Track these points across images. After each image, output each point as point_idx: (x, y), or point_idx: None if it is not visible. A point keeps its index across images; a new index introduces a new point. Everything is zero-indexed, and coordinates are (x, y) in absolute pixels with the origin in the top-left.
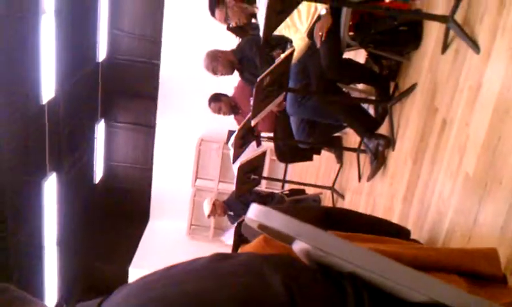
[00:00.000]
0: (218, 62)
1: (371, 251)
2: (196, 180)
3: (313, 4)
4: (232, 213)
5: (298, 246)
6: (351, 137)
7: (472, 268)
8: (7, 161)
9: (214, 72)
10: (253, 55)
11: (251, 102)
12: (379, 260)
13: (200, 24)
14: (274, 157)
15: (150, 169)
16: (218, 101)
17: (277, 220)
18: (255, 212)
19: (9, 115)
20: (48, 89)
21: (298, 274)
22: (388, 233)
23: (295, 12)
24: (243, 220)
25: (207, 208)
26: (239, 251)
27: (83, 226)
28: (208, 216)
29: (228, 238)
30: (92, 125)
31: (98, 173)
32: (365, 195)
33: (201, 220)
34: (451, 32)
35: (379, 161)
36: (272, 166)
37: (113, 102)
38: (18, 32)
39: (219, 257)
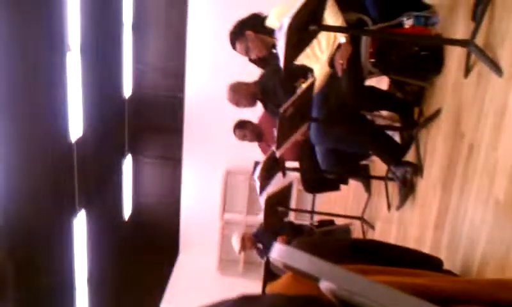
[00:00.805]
0: (241, 95)
1: (397, 292)
2: (223, 213)
3: (332, 33)
4: (261, 245)
5: (324, 285)
6: (377, 165)
7: (510, 301)
8: (38, 200)
9: (237, 105)
10: (275, 86)
11: (275, 133)
12: (407, 300)
13: (222, 55)
14: (301, 187)
15: (178, 203)
16: (243, 128)
17: (300, 260)
18: (278, 252)
19: (39, 154)
20: (76, 127)
21: None
22: (420, 264)
23: (314, 42)
24: None
25: (236, 243)
26: (268, 288)
27: (113, 263)
28: (239, 252)
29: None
30: (120, 160)
31: (127, 209)
32: (395, 224)
33: (230, 254)
34: (473, 56)
35: (407, 189)
36: (299, 196)
37: (140, 137)
38: (45, 71)
39: (245, 300)
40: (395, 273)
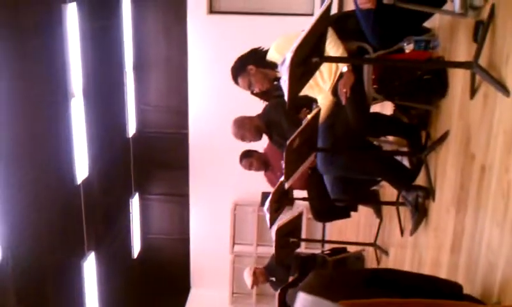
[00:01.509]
0: (245, 129)
1: None
2: (234, 246)
3: (334, 63)
4: (273, 279)
5: None
6: (387, 190)
7: None
8: (46, 243)
9: (243, 139)
10: (280, 118)
11: (283, 165)
12: None
13: (224, 90)
14: (311, 216)
15: (187, 238)
16: (249, 157)
17: None
18: (303, 303)
19: (46, 198)
20: (82, 169)
21: None
22: (440, 291)
23: (317, 72)
24: (286, 287)
25: (248, 279)
26: None
27: (125, 302)
28: (252, 287)
29: None
30: (127, 199)
31: (136, 247)
32: (410, 249)
33: (242, 287)
34: (477, 77)
35: (420, 213)
36: (309, 225)
37: (146, 175)
38: (49, 117)
39: None
40: (420, 305)
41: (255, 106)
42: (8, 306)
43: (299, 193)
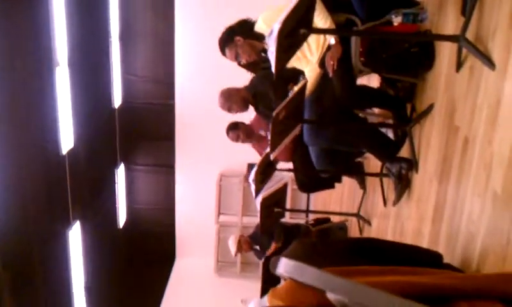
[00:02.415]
0: (232, 101)
1: (412, 302)
2: (219, 216)
3: (321, 35)
4: (258, 247)
5: (333, 296)
6: (371, 161)
7: None
8: (32, 213)
9: (229, 111)
10: (267, 90)
11: (268, 136)
12: None
13: (211, 60)
14: (296, 187)
15: (173, 209)
16: (236, 129)
17: (310, 276)
18: (286, 268)
19: (31, 168)
20: (67, 139)
21: None
22: (420, 260)
23: (304, 44)
24: (270, 255)
25: (232, 246)
26: (271, 294)
27: (110, 271)
28: (235, 254)
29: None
30: (112, 170)
31: (122, 218)
32: (392, 219)
33: (227, 256)
34: (464, 50)
35: (403, 184)
36: (294, 196)
37: (132, 146)
38: (34, 86)
39: None
40: (399, 272)
41: (242, 77)
42: None
43: (284, 164)
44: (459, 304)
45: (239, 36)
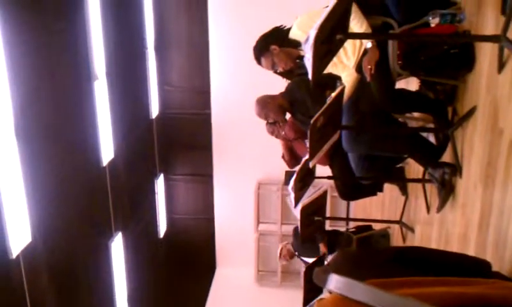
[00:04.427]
0: (269, 109)
1: None
2: (258, 225)
3: (358, 39)
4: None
5: None
6: (413, 167)
7: None
8: (75, 226)
9: (266, 119)
10: (304, 97)
11: (307, 144)
12: None
13: (246, 68)
14: (335, 194)
15: (212, 218)
16: (272, 124)
17: (361, 293)
18: (336, 284)
19: (73, 180)
20: (107, 151)
21: None
22: (468, 269)
23: (340, 49)
24: (312, 265)
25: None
26: (316, 304)
27: (152, 281)
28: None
29: None
30: (152, 180)
31: (162, 227)
32: (436, 226)
33: (268, 265)
34: (505, 51)
35: (447, 190)
36: (334, 203)
37: (170, 156)
38: (74, 100)
39: None
40: (449, 283)
41: (278, 84)
42: (40, 286)
43: (324, 172)
44: None
45: (274, 45)
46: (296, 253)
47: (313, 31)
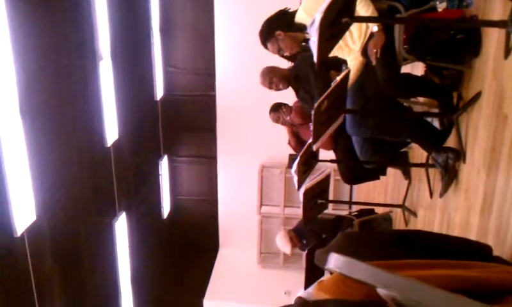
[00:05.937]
0: (273, 73)
1: (464, 298)
2: (261, 207)
3: (364, 23)
4: (304, 241)
5: (384, 292)
6: (416, 151)
7: None
8: (79, 205)
9: (270, 83)
10: (307, 73)
11: (310, 127)
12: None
13: (251, 49)
14: (339, 177)
15: (216, 200)
16: (277, 111)
17: (361, 272)
18: (337, 263)
19: (77, 160)
20: (111, 131)
21: None
22: (469, 253)
23: (346, 33)
24: (314, 247)
25: (285, 245)
26: (317, 287)
27: (155, 261)
28: (291, 252)
29: None
30: (156, 162)
31: (166, 208)
32: (439, 211)
33: (270, 247)
34: None
35: (450, 175)
36: (337, 187)
37: (174, 138)
38: (79, 80)
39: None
40: (450, 266)
41: (283, 66)
42: (44, 264)
43: (327, 155)
44: (510, 299)
45: (279, 31)
46: (303, 240)
47: (319, 14)
